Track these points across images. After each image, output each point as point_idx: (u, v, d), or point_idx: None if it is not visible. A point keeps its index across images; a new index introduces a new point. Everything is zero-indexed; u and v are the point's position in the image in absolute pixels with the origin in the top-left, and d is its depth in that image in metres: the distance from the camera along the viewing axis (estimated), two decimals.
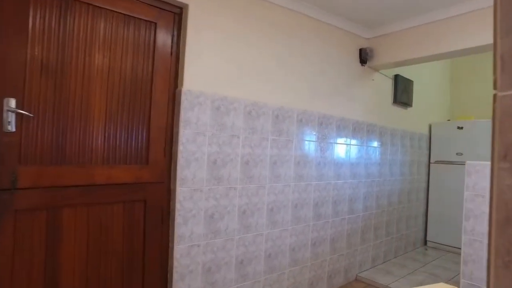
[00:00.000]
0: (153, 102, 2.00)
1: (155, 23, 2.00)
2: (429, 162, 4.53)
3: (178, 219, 2.00)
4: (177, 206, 1.99)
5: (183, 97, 2.01)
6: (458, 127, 4.24)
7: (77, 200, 1.72)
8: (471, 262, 2.59)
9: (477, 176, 2.58)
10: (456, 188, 4.24)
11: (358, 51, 3.28)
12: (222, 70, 2.19)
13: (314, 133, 2.83)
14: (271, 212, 2.49)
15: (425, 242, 4.54)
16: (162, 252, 2.03)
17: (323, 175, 2.92)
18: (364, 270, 3.42)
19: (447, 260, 3.94)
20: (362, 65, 3.32)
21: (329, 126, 2.97)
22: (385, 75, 3.66)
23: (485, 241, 2.54)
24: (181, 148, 2.00)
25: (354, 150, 3.26)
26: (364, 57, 3.25)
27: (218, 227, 2.17)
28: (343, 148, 3.14)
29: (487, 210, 2.54)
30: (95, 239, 1.79)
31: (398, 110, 3.94)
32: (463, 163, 4.25)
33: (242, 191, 2.29)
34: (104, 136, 1.80)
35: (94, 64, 1.77)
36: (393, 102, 3.80)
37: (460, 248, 4.22)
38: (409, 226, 4.21)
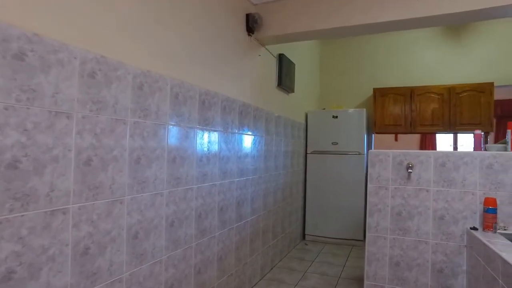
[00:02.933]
0: None
1: None
2: (306, 153, 4.35)
3: None
4: None
5: None
6: (333, 116, 4.17)
7: None
8: (375, 261, 2.30)
9: (381, 167, 2.30)
10: (332, 178, 4.17)
11: (245, 16, 2.62)
12: None
13: (195, 116, 2.01)
14: (134, 240, 1.55)
15: (304, 236, 4.36)
16: None
17: (206, 175, 2.14)
18: (254, 285, 2.84)
19: (327, 253, 3.79)
20: (249, 34, 2.68)
21: (213, 107, 2.20)
22: (270, 52, 3.14)
23: (390, 236, 2.28)
24: None
25: (241, 140, 2.60)
26: (251, 24, 2.61)
27: None
28: (230, 138, 2.43)
29: (391, 203, 2.28)
30: None
31: (282, 95, 3.51)
32: (338, 153, 4.23)
33: (80, 215, 1.27)
34: None
35: None
36: (278, 85, 3.34)
37: (336, 238, 4.23)
38: (291, 223, 3.90)
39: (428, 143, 6.49)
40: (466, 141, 6.03)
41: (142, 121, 1.58)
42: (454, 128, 4.03)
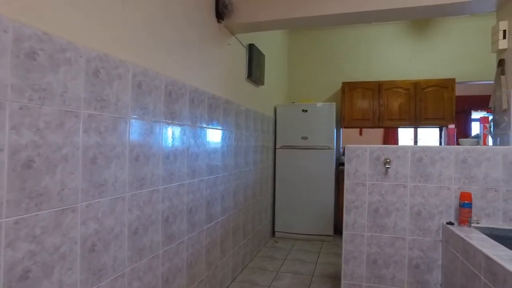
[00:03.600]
0: None
1: None
2: (275, 148, 4.23)
3: None
4: None
5: None
6: (303, 110, 4.07)
7: None
8: (353, 259, 2.23)
9: (358, 162, 2.22)
10: (301, 173, 4.09)
11: (215, 1, 2.41)
12: None
13: (161, 108, 1.79)
14: (91, 254, 1.32)
15: (273, 233, 4.26)
16: None
17: (174, 174, 1.92)
18: None
19: (298, 250, 3.71)
20: (218, 21, 2.47)
21: (181, 99, 1.99)
22: (240, 41, 2.96)
23: (367, 234, 2.22)
24: None
25: (211, 135, 2.41)
26: (221, 10, 2.41)
27: None
28: (199, 133, 2.23)
29: (368, 199, 2.21)
30: None
31: (251, 88, 3.34)
32: (308, 147, 4.15)
33: (17, 230, 1.02)
34: None
35: None
36: (247, 77, 3.16)
37: (307, 234, 4.15)
38: (262, 221, 3.77)
39: (391, 137, 6.67)
40: (426, 135, 6.28)
41: (99, 114, 1.34)
42: (419, 122, 4.10)
